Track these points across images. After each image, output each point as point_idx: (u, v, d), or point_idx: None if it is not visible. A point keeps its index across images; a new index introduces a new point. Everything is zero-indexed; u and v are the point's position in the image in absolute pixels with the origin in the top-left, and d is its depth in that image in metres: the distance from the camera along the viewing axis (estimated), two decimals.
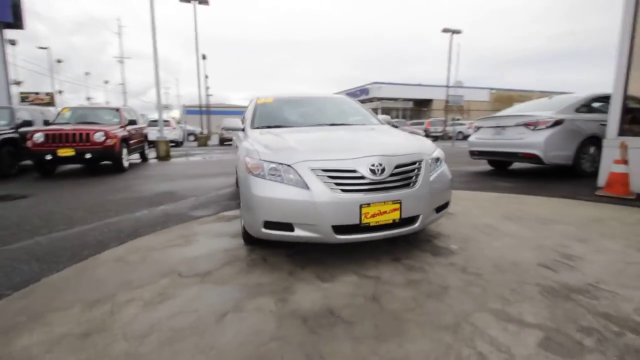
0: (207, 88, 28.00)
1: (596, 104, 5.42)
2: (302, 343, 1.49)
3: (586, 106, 5.35)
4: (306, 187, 2.06)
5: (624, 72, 4.06)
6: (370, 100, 35.43)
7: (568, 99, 5.57)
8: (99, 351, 1.47)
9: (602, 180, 4.26)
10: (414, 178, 2.24)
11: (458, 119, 31.89)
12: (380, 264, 2.28)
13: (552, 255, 2.35)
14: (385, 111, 35.23)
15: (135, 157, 9.57)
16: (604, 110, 5.42)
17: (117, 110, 8.30)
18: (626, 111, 4.15)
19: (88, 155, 6.45)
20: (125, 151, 7.45)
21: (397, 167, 2.20)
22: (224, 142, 17.83)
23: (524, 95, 43.25)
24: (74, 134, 6.38)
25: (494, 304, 1.76)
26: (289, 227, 2.12)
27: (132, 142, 8.07)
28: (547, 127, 5.07)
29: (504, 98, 43.35)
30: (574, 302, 1.76)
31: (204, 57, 23.58)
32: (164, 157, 10.64)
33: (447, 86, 26.73)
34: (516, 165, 6.84)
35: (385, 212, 2.11)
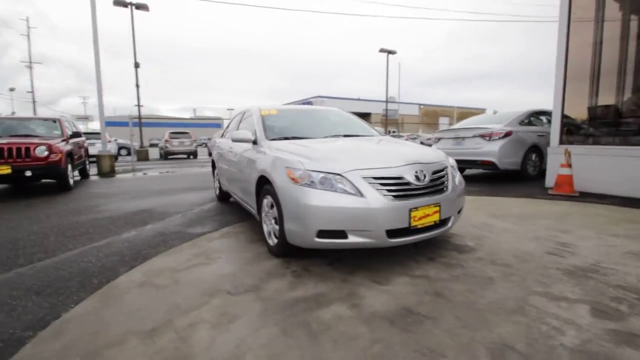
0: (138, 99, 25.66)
1: (532, 118, 6.47)
2: (404, 342, 1.55)
3: (526, 120, 6.34)
4: (360, 194, 2.15)
5: (560, 96, 4.97)
6: None
7: (511, 114, 6.53)
8: None
9: (550, 181, 5.09)
10: (446, 183, 2.48)
11: (394, 131, 34.49)
12: (420, 264, 2.44)
13: (550, 244, 2.77)
14: None
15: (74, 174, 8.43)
16: (538, 124, 6.48)
17: (56, 121, 7.28)
18: (563, 125, 5.07)
19: (28, 173, 5.52)
20: (69, 167, 6.55)
21: (433, 173, 2.41)
22: (168, 155, 16.60)
23: (446, 110, 48.82)
24: (9, 149, 5.42)
25: (537, 287, 2.04)
26: (342, 234, 2.17)
27: (75, 157, 7.14)
28: (500, 138, 5.88)
29: (430, 113, 48.39)
30: (592, 279, 2.13)
31: (137, 66, 21.60)
32: (107, 173, 9.55)
33: (387, 101, 28.75)
34: (468, 171, 7.71)
35: (428, 215, 2.29)
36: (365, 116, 41.73)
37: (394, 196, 2.19)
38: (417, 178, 2.28)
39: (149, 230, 3.53)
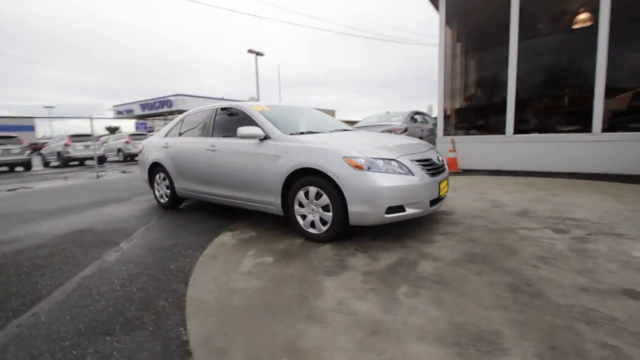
0: None
1: (415, 117, 8.36)
2: (493, 269, 2.20)
3: (411, 118, 8.16)
4: (412, 174, 2.66)
5: (442, 101, 6.79)
6: (178, 112, 32.96)
7: (400, 113, 8.24)
8: None
9: None
10: (444, 164, 3.28)
11: None
12: (437, 225, 3.16)
13: (488, 202, 4.02)
14: None
15: None
16: (418, 121, 8.42)
17: None
18: (444, 122, 6.94)
19: None
20: None
21: (438, 156, 3.17)
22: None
23: None
24: None
25: (513, 224, 3.07)
26: (402, 208, 2.63)
27: None
28: (401, 133, 7.39)
29: None
30: (529, 216, 3.35)
31: None
32: None
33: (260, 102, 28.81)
34: None
35: (445, 187, 3.03)
36: None
37: (431, 174, 2.81)
38: (438, 159, 2.99)
39: (134, 249, 2.94)
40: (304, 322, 1.71)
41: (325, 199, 2.75)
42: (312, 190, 2.83)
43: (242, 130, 3.18)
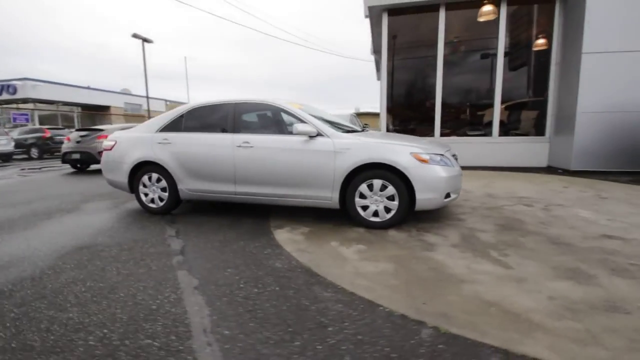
0: None
1: (351, 119, 9.24)
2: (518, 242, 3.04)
3: (350, 121, 9.00)
4: (453, 166, 3.30)
5: (385, 104, 7.83)
6: (23, 101, 25.61)
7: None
8: None
9: None
10: None
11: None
12: (453, 210, 3.91)
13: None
14: (48, 118, 27.02)
15: None
16: (356, 124, 9.32)
17: None
18: (386, 127, 8.03)
19: None
20: None
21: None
22: None
23: None
24: None
25: (502, 202, 4.10)
26: (449, 195, 3.24)
27: None
28: None
29: None
30: (496, 197, 4.50)
31: None
32: None
33: (147, 97, 25.22)
34: None
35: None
36: (103, 109, 33.98)
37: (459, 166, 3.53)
38: (454, 155, 3.73)
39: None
40: (462, 284, 2.10)
41: (391, 190, 3.13)
42: (377, 182, 3.15)
43: (300, 127, 3.22)
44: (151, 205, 3.93)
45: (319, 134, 3.31)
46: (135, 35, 22.63)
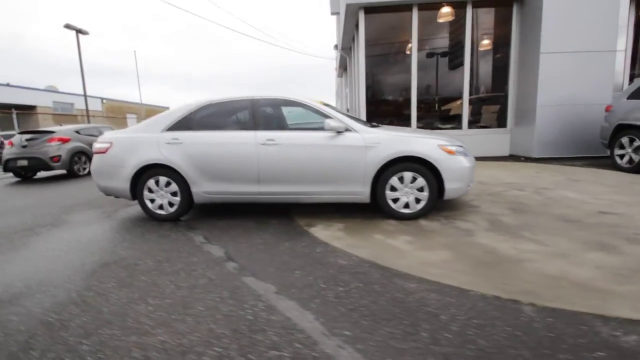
0: None
1: None
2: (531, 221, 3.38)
3: None
4: (471, 156, 3.53)
5: (364, 99, 8.02)
6: None
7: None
8: None
9: None
10: None
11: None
12: (469, 198, 4.17)
13: None
14: None
15: None
16: None
17: None
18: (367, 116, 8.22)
19: None
20: None
21: None
22: None
23: (132, 107, 45.39)
24: None
25: (497, 188, 4.48)
26: (469, 184, 3.47)
27: None
28: None
29: (116, 108, 42.94)
30: (484, 184, 4.90)
31: None
32: None
33: (85, 95, 22.55)
34: None
35: None
36: (28, 109, 29.53)
37: None
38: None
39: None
40: (521, 263, 2.29)
41: (421, 181, 3.25)
42: (408, 175, 3.26)
43: (332, 123, 3.20)
44: (159, 211, 3.59)
45: (346, 129, 3.32)
46: (68, 26, 20.08)
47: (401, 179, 3.27)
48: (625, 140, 5.46)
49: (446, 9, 7.77)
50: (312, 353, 1.46)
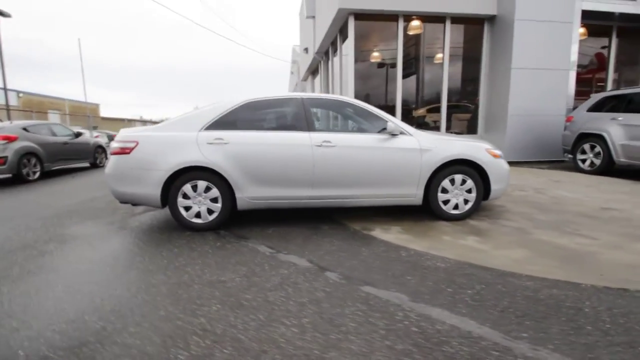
0: None
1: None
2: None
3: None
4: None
5: None
6: None
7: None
8: None
9: None
10: None
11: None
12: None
13: None
14: None
15: None
16: None
17: None
18: None
19: None
20: None
21: None
22: None
23: (55, 103, 39.79)
24: None
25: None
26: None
27: None
28: None
29: (36, 104, 37.16)
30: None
31: None
32: None
33: (6, 88, 18.93)
34: None
35: None
36: None
37: None
38: None
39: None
40: (595, 255, 2.53)
41: (469, 183, 3.41)
42: (458, 177, 3.39)
43: (393, 125, 3.21)
44: (196, 220, 3.20)
45: (401, 132, 3.33)
46: None
47: (452, 181, 3.40)
48: (587, 146, 6.39)
49: (415, 23, 8.24)
50: (493, 351, 1.43)
